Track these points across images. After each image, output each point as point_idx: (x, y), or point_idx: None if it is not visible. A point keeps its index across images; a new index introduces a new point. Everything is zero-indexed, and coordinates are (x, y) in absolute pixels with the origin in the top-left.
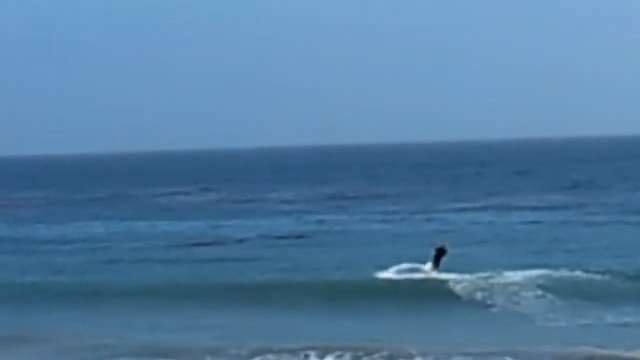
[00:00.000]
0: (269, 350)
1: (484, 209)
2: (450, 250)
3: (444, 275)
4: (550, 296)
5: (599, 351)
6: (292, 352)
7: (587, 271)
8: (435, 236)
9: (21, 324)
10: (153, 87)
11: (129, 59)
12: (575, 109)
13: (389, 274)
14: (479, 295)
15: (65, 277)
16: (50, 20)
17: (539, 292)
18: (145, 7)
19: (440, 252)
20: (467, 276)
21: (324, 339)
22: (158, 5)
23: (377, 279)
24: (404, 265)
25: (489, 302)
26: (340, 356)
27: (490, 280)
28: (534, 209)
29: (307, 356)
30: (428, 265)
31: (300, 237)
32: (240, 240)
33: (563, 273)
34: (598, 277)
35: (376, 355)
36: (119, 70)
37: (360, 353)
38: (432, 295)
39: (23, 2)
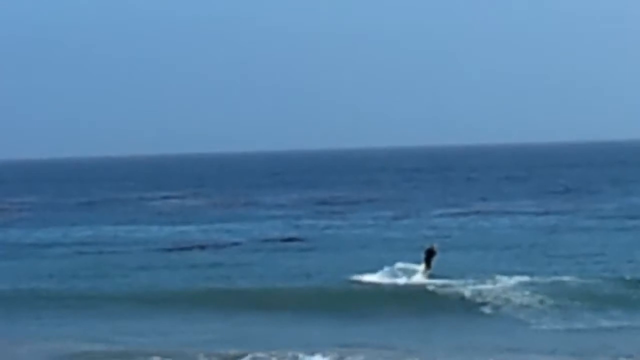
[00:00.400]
0: (259, 350)
1: (474, 214)
2: (438, 254)
3: (432, 280)
4: (540, 301)
5: None
6: (281, 350)
7: (578, 276)
8: (424, 241)
9: (5, 329)
10: (145, 92)
11: (122, 65)
12: (567, 115)
13: (376, 277)
14: (467, 299)
15: (52, 283)
16: (45, 20)
17: (530, 297)
18: (141, 8)
19: (430, 254)
20: (455, 281)
21: (310, 342)
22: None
23: (364, 283)
24: (398, 265)
25: (477, 306)
26: (327, 355)
27: (480, 285)
28: (525, 214)
29: (295, 357)
30: (421, 267)
31: (289, 242)
32: (229, 245)
33: (554, 278)
34: (589, 281)
35: (361, 357)
36: (111, 75)
37: (346, 355)
38: (421, 299)
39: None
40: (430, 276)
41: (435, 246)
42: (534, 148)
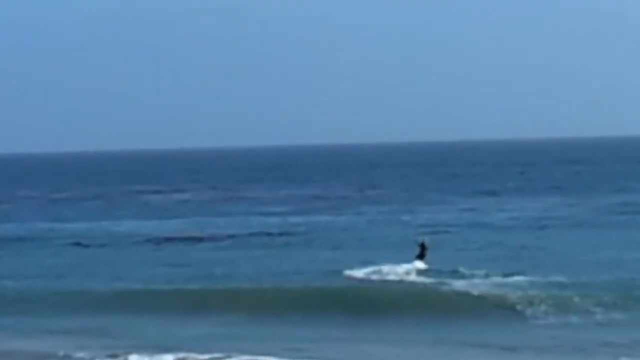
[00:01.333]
0: (242, 350)
1: (469, 210)
2: (429, 248)
3: (425, 276)
4: (535, 296)
5: None
6: (267, 348)
7: (573, 271)
8: (417, 237)
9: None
10: (141, 86)
11: (117, 62)
12: (565, 111)
13: (368, 273)
14: (461, 295)
15: (41, 278)
16: (45, 14)
17: (525, 292)
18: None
19: (423, 248)
20: (449, 278)
21: (301, 339)
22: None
23: (356, 279)
24: (390, 262)
25: (471, 302)
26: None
27: (474, 281)
28: (520, 210)
29: (276, 355)
30: (414, 262)
31: (281, 237)
32: (222, 239)
33: (549, 273)
34: (584, 277)
35: (349, 353)
36: (107, 72)
37: (332, 351)
38: (415, 295)
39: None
40: (423, 271)
41: (427, 240)
42: (531, 144)
